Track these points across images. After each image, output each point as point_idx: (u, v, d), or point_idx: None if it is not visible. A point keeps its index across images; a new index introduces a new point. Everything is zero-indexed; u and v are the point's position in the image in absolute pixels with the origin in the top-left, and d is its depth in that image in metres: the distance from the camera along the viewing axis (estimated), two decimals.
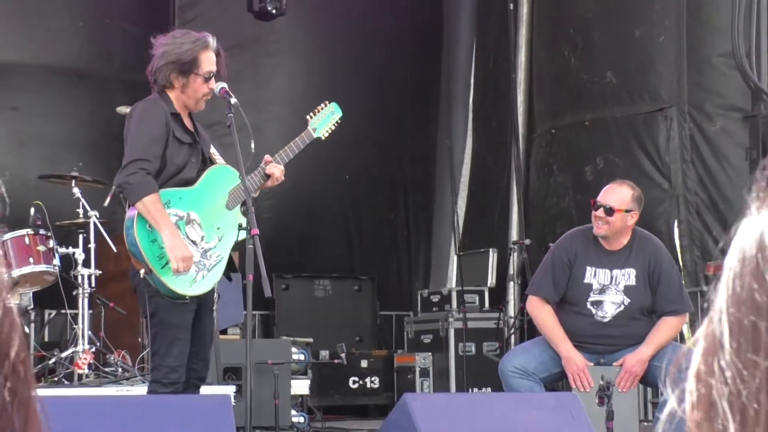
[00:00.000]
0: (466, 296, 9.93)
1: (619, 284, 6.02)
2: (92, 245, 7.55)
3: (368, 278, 10.70)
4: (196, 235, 5.21)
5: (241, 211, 5.28)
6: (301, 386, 7.97)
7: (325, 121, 5.73)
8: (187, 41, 5.19)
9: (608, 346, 6.03)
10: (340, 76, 5.95)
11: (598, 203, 6.03)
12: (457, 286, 10.28)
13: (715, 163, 9.00)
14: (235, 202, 5.34)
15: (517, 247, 10.25)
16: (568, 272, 6.07)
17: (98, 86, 9.93)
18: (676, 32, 9.16)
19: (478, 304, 10.00)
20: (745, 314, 0.77)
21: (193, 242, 5.18)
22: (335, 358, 9.12)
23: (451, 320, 9.66)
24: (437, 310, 10.11)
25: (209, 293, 5.35)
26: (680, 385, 0.79)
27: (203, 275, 5.19)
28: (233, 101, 5.34)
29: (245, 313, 5.47)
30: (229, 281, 5.44)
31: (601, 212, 6.00)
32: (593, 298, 6.04)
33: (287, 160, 5.49)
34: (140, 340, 7.71)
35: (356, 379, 9.84)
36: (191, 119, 5.33)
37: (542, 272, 6.17)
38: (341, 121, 5.74)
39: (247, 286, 5.19)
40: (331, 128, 5.75)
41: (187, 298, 5.13)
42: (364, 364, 9.90)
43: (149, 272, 5.04)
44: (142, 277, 5.07)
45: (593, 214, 6.03)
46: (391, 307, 10.83)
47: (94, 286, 7.59)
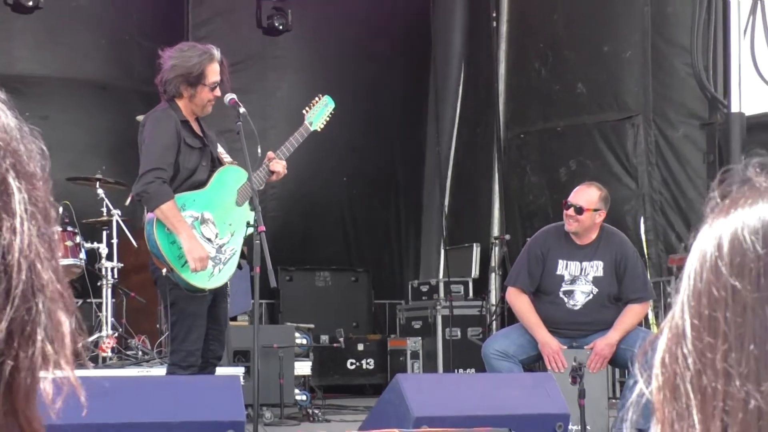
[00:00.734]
0: (452, 286, 9.96)
1: (588, 275, 6.05)
2: (115, 241, 7.58)
3: (364, 270, 10.71)
4: (210, 233, 5.22)
5: (249, 208, 5.29)
6: (303, 367, 8.00)
7: (320, 114, 5.68)
8: (194, 54, 5.16)
9: (580, 331, 6.06)
10: (338, 88, 5.94)
11: (569, 203, 6.06)
12: (444, 277, 10.31)
13: (677, 165, 9.04)
14: (243, 198, 5.33)
15: (498, 241, 10.29)
16: (542, 265, 6.09)
17: (119, 97, 9.93)
18: (641, 48, 9.21)
19: (463, 293, 10.02)
20: (704, 306, 0.79)
21: (208, 240, 5.19)
22: (334, 342, 9.17)
23: (438, 308, 9.69)
24: (426, 298, 10.12)
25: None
26: (647, 369, 0.82)
27: (219, 269, 5.20)
28: (242, 110, 5.35)
29: (253, 301, 5.52)
30: (239, 269, 5.45)
31: (571, 211, 6.03)
32: (565, 288, 6.07)
33: (288, 154, 5.47)
34: (158, 326, 7.73)
35: (353, 361, 9.85)
36: (199, 123, 5.31)
37: (519, 265, 6.20)
38: (340, 128, 5.73)
39: (254, 277, 5.22)
40: (325, 120, 5.69)
41: (206, 291, 5.16)
42: (360, 347, 9.90)
43: (171, 271, 5.06)
44: (164, 275, 5.09)
45: (565, 212, 6.06)
46: (384, 296, 10.82)
47: (116, 277, 7.62)
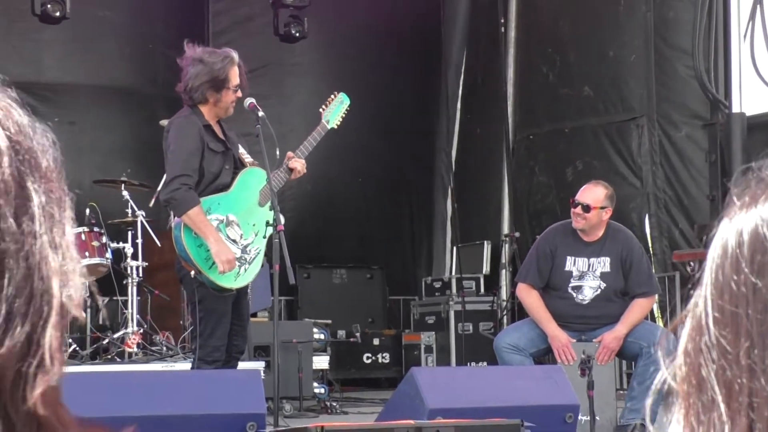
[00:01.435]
0: (464, 282, 9.94)
1: (595, 271, 6.02)
2: (139, 240, 7.57)
3: (379, 267, 10.70)
4: (235, 234, 5.19)
5: (269, 207, 5.26)
6: (321, 362, 7.98)
7: (336, 111, 5.62)
8: (217, 60, 5.12)
9: (588, 325, 6.03)
10: (352, 94, 5.91)
11: (576, 201, 6.04)
12: (456, 273, 10.29)
13: (680, 164, 9.01)
14: (265, 199, 5.30)
15: (508, 239, 10.25)
16: (550, 261, 6.06)
17: (143, 103, 9.94)
18: (644, 52, 9.17)
19: (474, 289, 9.99)
20: (726, 302, 0.75)
21: (233, 241, 5.16)
22: (351, 337, 9.14)
23: (451, 303, 9.66)
24: (439, 294, 10.11)
25: None
26: (671, 359, 0.78)
27: (245, 269, 5.17)
28: (261, 114, 5.34)
29: (272, 298, 5.51)
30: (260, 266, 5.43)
31: (579, 209, 6.00)
32: (573, 283, 6.04)
33: (306, 153, 5.43)
34: (182, 322, 7.73)
35: (369, 355, 9.84)
36: (220, 126, 5.27)
37: (529, 262, 6.17)
38: (354, 130, 5.71)
39: (273, 275, 5.21)
40: (341, 116, 5.64)
41: (233, 290, 5.13)
42: (376, 342, 9.89)
43: (199, 273, 5.04)
44: (192, 276, 5.06)
45: (572, 210, 6.03)
46: (399, 292, 10.81)
47: (141, 275, 7.61)
